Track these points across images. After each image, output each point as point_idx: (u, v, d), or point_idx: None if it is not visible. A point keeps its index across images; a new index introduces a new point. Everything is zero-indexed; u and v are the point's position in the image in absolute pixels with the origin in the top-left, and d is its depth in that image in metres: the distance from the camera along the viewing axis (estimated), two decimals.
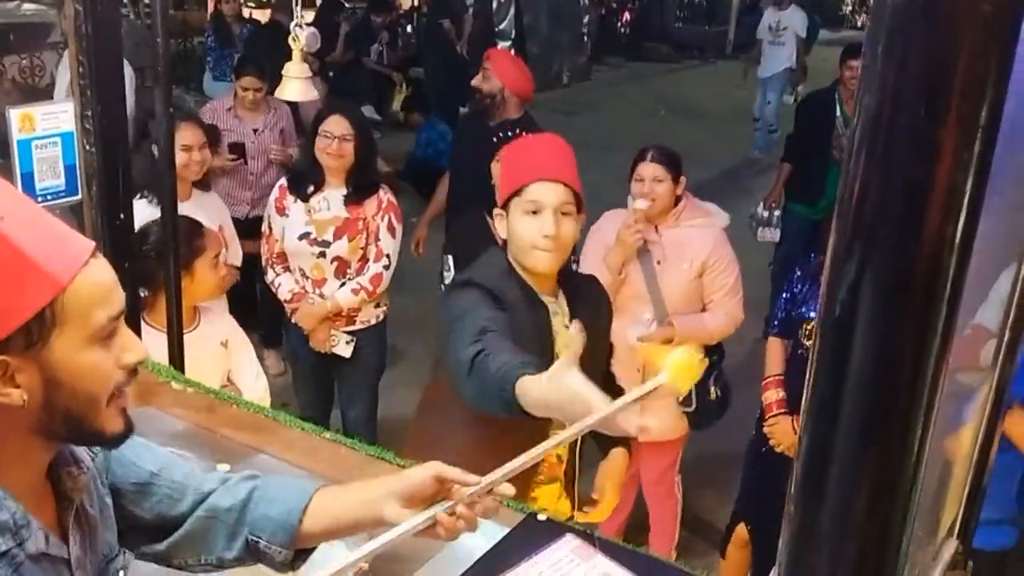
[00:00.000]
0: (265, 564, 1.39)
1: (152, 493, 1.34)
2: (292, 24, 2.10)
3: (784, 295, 3.14)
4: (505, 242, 2.16)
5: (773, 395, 3.09)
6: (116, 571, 1.28)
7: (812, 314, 2.97)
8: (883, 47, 0.68)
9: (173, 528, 1.35)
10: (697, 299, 3.25)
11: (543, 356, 2.04)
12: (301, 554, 1.39)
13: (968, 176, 0.68)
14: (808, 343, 2.98)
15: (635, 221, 3.06)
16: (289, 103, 6.11)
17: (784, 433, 3.02)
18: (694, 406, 3.30)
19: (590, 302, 2.21)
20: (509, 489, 1.32)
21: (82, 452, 1.23)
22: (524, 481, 2.14)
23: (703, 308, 3.26)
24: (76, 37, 2.06)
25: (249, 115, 4.87)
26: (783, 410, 3.05)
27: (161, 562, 1.39)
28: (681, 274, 3.19)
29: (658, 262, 3.19)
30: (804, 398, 0.80)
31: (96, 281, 1.08)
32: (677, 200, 3.23)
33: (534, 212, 2.03)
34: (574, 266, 3.35)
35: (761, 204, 5.71)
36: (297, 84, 2.13)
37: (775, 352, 3.16)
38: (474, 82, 4.31)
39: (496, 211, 2.18)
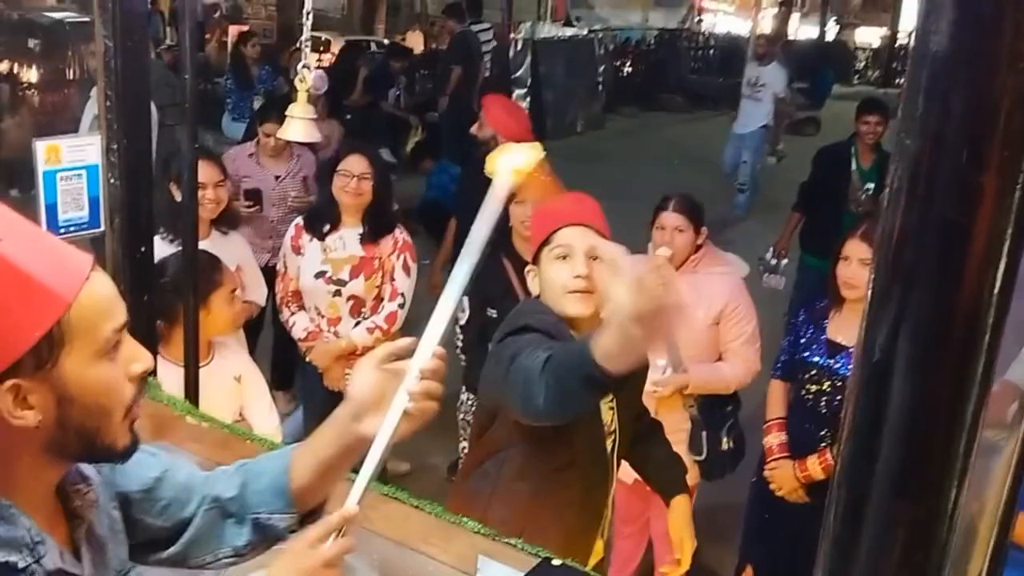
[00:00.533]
0: (279, 537, 1.36)
1: (159, 498, 1.32)
2: (299, 65, 2.12)
3: (788, 338, 3.13)
4: (538, 297, 2.15)
5: (775, 439, 3.07)
6: None
7: (815, 358, 2.96)
8: (925, 92, 0.69)
9: (184, 529, 1.34)
10: (713, 347, 3.23)
11: (596, 417, 2.06)
12: (309, 516, 1.37)
13: (1009, 222, 0.68)
14: (812, 388, 2.96)
15: (658, 267, 3.05)
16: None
17: (785, 478, 2.99)
18: (705, 455, 3.27)
19: None
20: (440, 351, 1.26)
21: (89, 469, 1.22)
22: (589, 550, 2.13)
23: (719, 357, 3.25)
24: (105, 72, 2.09)
25: (271, 162, 4.68)
26: (785, 454, 3.02)
27: (179, 565, 1.37)
28: (697, 321, 3.17)
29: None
30: (839, 443, 0.79)
31: (99, 295, 1.07)
32: (697, 248, 3.23)
33: (564, 257, 2.03)
34: None
35: (771, 250, 5.72)
36: (301, 125, 2.15)
37: (777, 395, 3.14)
38: (472, 130, 4.35)
39: (528, 268, 2.19)
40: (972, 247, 0.69)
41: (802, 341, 3.04)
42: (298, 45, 9.49)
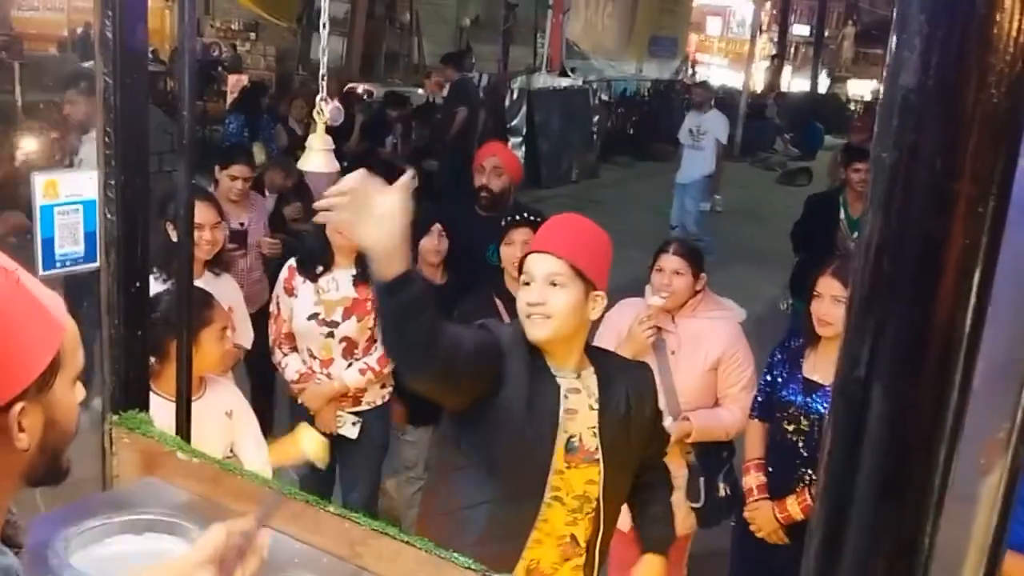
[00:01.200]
0: None
1: None
2: (318, 98, 2.16)
3: (765, 378, 3.13)
4: None
5: (753, 480, 3.06)
6: None
7: (792, 397, 2.97)
8: (899, 106, 0.71)
9: None
10: (711, 392, 3.23)
11: (543, 429, 2.07)
12: None
13: (984, 229, 0.70)
14: (789, 427, 2.96)
15: (648, 317, 3.08)
16: (301, 186, 6.24)
17: (765, 519, 2.98)
18: (702, 502, 3.26)
19: (630, 386, 2.20)
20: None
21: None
22: (513, 563, 2.11)
23: (715, 402, 3.25)
24: (104, 108, 2.12)
25: (233, 208, 4.49)
26: (764, 495, 3.01)
27: None
28: (695, 366, 3.17)
29: (672, 352, 3.18)
30: (821, 454, 0.79)
31: (73, 325, 1.14)
32: (695, 293, 3.24)
33: (527, 284, 2.09)
34: None
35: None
36: (320, 156, 2.18)
37: (755, 435, 3.13)
38: (482, 182, 4.33)
39: (516, 272, 2.29)
40: (949, 255, 0.70)
41: (779, 380, 3.05)
42: (294, 95, 9.65)
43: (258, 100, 9.66)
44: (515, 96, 12.51)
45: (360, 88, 12.07)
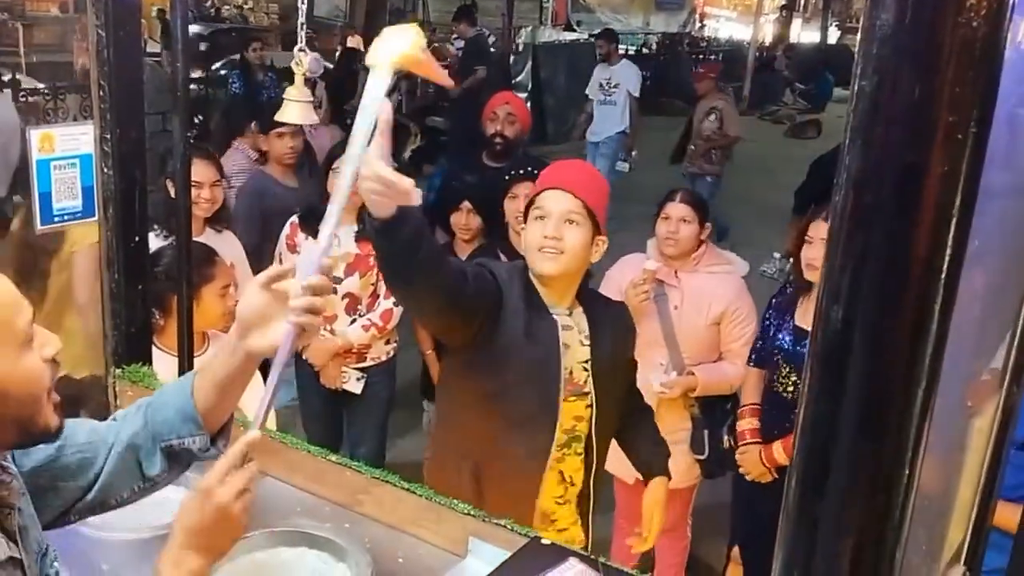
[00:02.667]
0: (192, 460, 1.45)
1: (66, 464, 1.37)
2: (296, 48, 2.14)
3: (763, 325, 3.13)
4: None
5: (747, 424, 3.09)
6: (51, 564, 1.30)
7: (783, 344, 2.97)
8: (879, 34, 0.70)
9: (96, 480, 1.40)
10: (714, 346, 3.23)
11: (547, 362, 2.11)
12: (219, 435, 1.45)
13: (964, 156, 0.69)
14: (780, 373, 2.98)
15: (643, 281, 3.08)
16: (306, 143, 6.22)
17: (752, 463, 3.02)
18: (706, 454, 3.28)
19: (614, 327, 2.26)
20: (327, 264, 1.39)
21: (4, 459, 1.25)
22: (528, 506, 2.13)
23: (719, 356, 3.25)
24: (97, 61, 2.11)
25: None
26: (755, 440, 3.04)
27: (99, 510, 1.42)
28: (698, 321, 3.17)
29: (675, 307, 3.18)
30: (802, 391, 0.79)
31: (5, 293, 1.12)
32: (699, 244, 3.23)
33: (542, 218, 2.11)
34: None
35: (778, 254, 5.73)
36: (298, 107, 2.17)
37: (752, 382, 3.15)
38: (496, 129, 4.35)
39: (520, 225, 2.27)
40: (928, 184, 0.70)
41: (773, 328, 3.06)
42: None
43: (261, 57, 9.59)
44: (520, 51, 12.40)
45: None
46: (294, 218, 3.68)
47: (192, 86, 9.88)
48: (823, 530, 0.78)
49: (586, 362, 2.17)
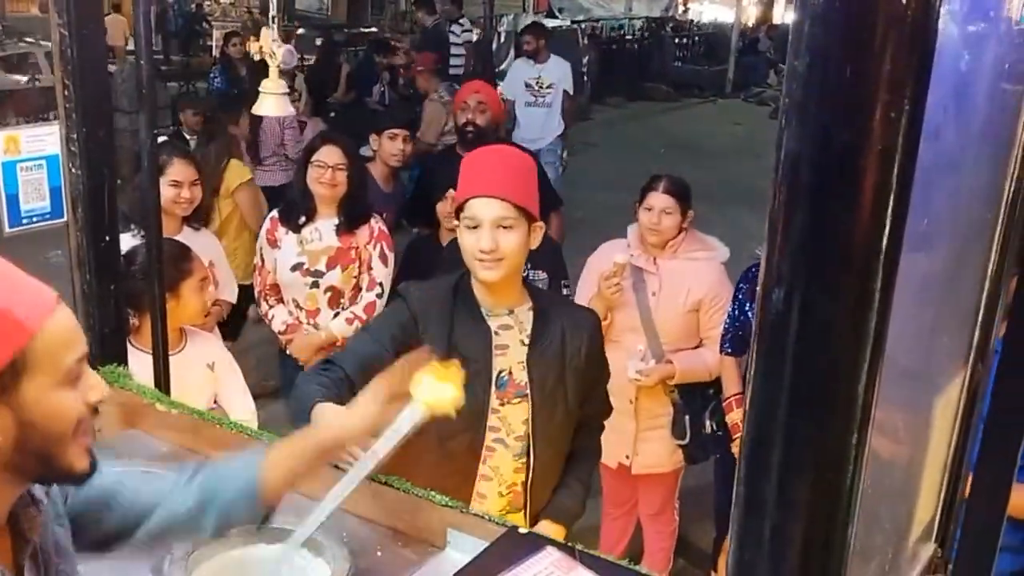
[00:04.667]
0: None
1: (112, 507, 1.39)
2: (270, 40, 2.12)
3: (733, 311, 3.11)
4: None
5: (737, 415, 3.07)
6: None
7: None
8: (810, 11, 0.69)
9: (136, 528, 1.42)
10: (692, 333, 3.22)
11: (480, 368, 2.06)
12: (269, 511, 1.51)
13: (899, 133, 0.69)
14: None
15: (614, 274, 3.06)
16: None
17: None
18: (688, 439, 3.28)
19: (567, 328, 2.16)
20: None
21: (39, 492, 1.25)
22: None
23: (700, 342, 3.24)
24: (61, 60, 2.09)
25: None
26: None
27: (143, 544, 1.46)
28: (676, 308, 3.16)
29: (653, 294, 3.17)
30: (749, 368, 0.79)
31: (63, 326, 1.12)
32: (680, 231, 3.21)
33: (474, 227, 2.05)
34: (564, 291, 3.36)
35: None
36: (273, 100, 2.15)
37: (730, 371, 3.14)
38: (467, 118, 4.35)
39: (453, 223, 2.24)
40: (864, 162, 0.69)
41: (742, 315, 3.04)
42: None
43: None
44: (503, 39, 12.36)
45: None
46: (274, 213, 3.67)
47: (172, 83, 9.81)
48: (773, 509, 0.78)
49: (523, 362, 2.11)
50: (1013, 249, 1.30)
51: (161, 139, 4.18)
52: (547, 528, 2.14)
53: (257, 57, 2.52)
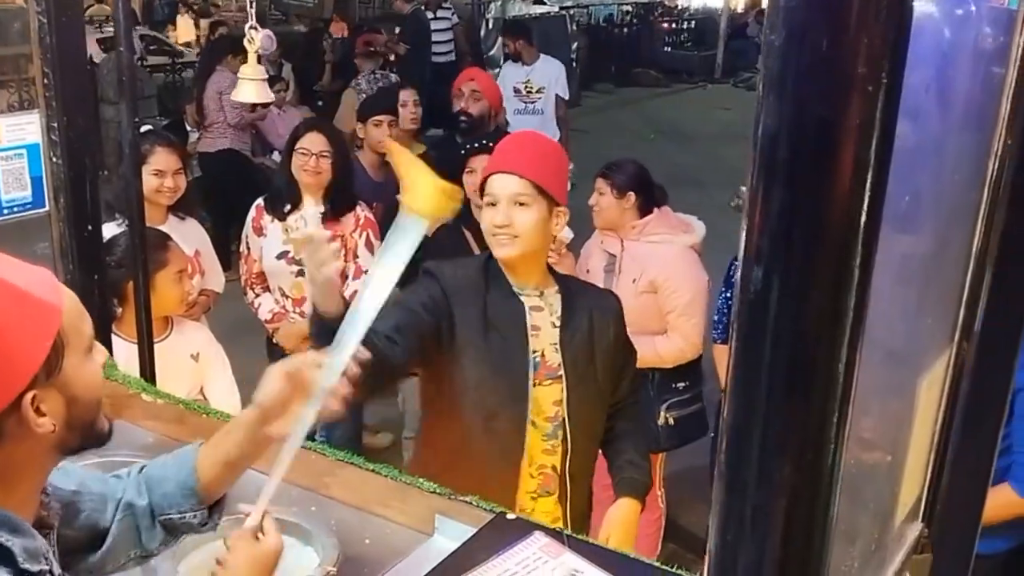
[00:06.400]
0: (188, 533, 1.46)
1: (79, 510, 1.37)
2: (247, 26, 2.10)
3: (724, 295, 3.12)
4: None
5: None
6: None
7: None
8: None
9: (102, 538, 1.39)
10: (653, 317, 3.20)
11: (515, 350, 2.08)
12: (215, 508, 1.47)
13: (877, 108, 0.68)
14: None
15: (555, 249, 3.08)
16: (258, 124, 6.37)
17: None
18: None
19: (593, 312, 2.18)
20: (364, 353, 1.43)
21: (48, 483, 1.25)
22: (511, 494, 2.11)
23: (666, 329, 3.24)
24: (40, 48, 2.07)
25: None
26: None
27: (96, 574, 1.41)
28: (632, 289, 3.17)
29: (617, 274, 3.21)
30: (730, 352, 0.78)
31: (72, 298, 1.16)
32: (646, 214, 3.24)
33: (492, 204, 2.08)
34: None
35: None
36: (253, 86, 2.13)
37: (722, 360, 3.14)
38: (461, 106, 4.34)
39: (480, 201, 2.24)
40: (841, 137, 0.68)
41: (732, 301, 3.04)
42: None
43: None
44: (490, 26, 12.30)
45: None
46: (259, 201, 3.65)
47: (160, 73, 9.72)
48: (754, 490, 0.77)
49: (556, 344, 2.12)
50: (997, 228, 1.29)
51: (145, 128, 4.16)
52: (627, 504, 2.19)
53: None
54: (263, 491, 1.40)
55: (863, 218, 0.70)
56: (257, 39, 2.03)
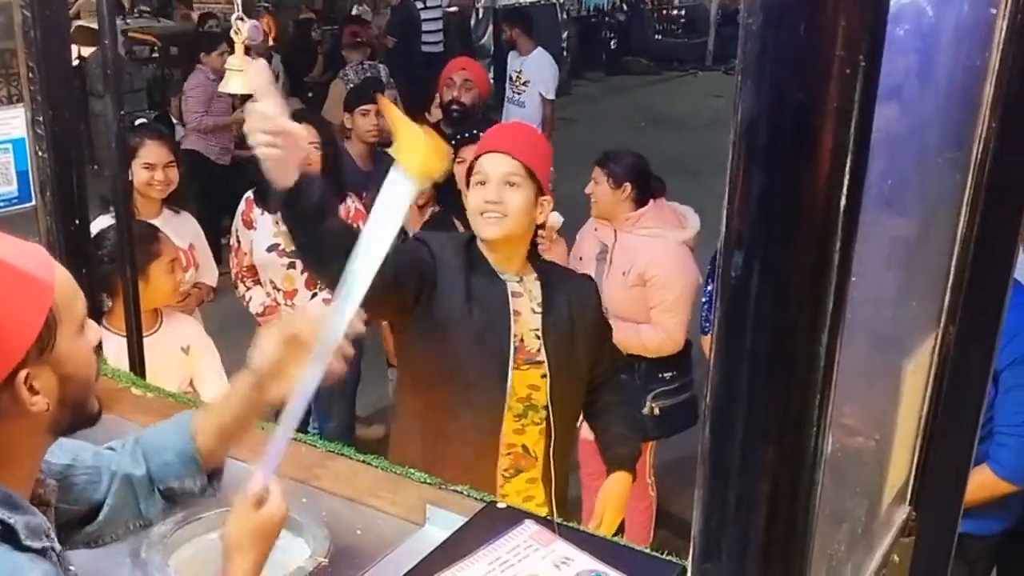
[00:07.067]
0: (188, 500, 1.46)
1: (72, 484, 1.36)
2: (233, 16, 2.09)
3: (710, 287, 3.13)
4: None
5: None
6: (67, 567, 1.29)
7: None
8: None
9: (97, 510, 1.38)
10: (642, 309, 3.22)
11: (498, 328, 2.09)
12: (214, 476, 1.46)
13: (855, 91, 0.68)
14: None
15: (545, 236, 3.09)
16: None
17: None
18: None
19: (572, 297, 2.20)
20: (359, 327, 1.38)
21: (43, 461, 1.25)
22: (487, 475, 2.13)
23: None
24: (25, 43, 2.06)
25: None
26: None
27: (94, 544, 1.41)
28: (618, 281, 3.19)
29: (609, 264, 3.23)
30: (712, 337, 0.78)
31: (65, 275, 1.14)
32: (641, 205, 3.25)
33: (482, 183, 2.09)
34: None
35: None
36: (240, 77, 2.11)
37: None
38: (453, 95, 4.32)
39: (466, 191, 2.23)
40: (819, 120, 0.68)
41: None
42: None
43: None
44: (480, 15, 12.26)
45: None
46: (249, 193, 3.64)
47: (151, 65, 9.64)
48: (737, 475, 0.77)
49: (537, 330, 2.14)
50: (981, 212, 1.30)
51: (139, 122, 4.15)
52: (618, 479, 2.20)
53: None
54: (265, 456, 1.37)
55: (842, 202, 0.70)
56: (244, 30, 2.02)
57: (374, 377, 4.20)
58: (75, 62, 6.32)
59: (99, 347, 1.98)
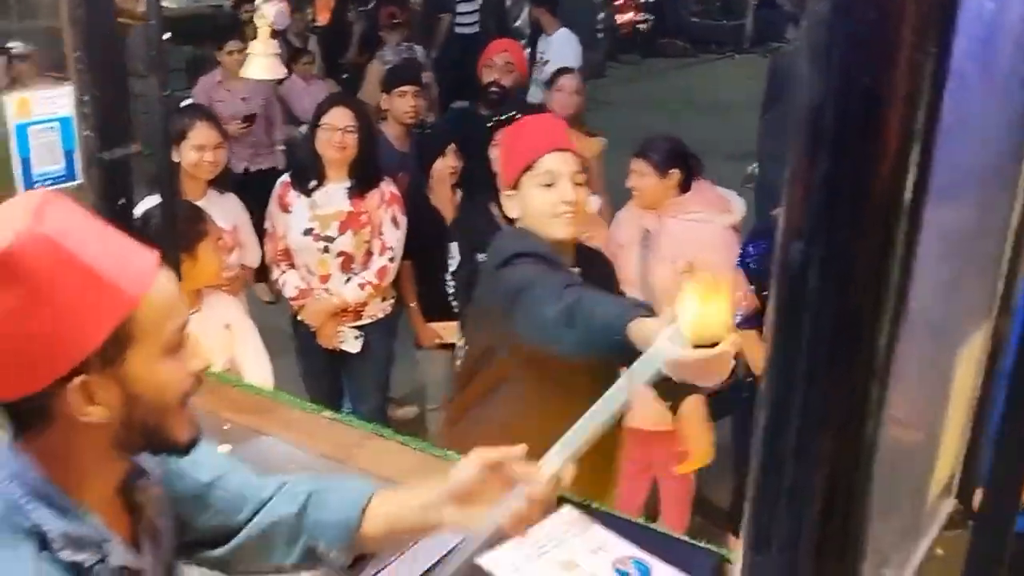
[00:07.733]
0: (323, 567, 1.38)
1: (209, 504, 1.33)
2: (257, 0, 2.08)
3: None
4: (513, 221, 2.19)
5: None
6: None
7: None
8: None
9: (231, 536, 1.34)
10: None
11: None
12: (360, 559, 1.39)
13: (925, 78, 0.66)
14: None
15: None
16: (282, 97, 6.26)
17: None
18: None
19: (599, 272, 2.27)
20: (569, 472, 1.28)
21: (150, 463, 1.23)
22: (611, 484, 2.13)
23: None
24: (72, 22, 2.07)
25: (237, 84, 5.26)
26: None
27: (219, 568, 1.37)
28: (666, 267, 3.16)
29: (654, 250, 3.19)
30: (767, 329, 0.77)
31: (165, 294, 1.09)
32: (686, 189, 3.21)
33: (549, 184, 2.06)
34: None
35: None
36: (263, 61, 2.10)
37: (752, 346, 3.10)
38: (494, 77, 4.30)
39: (507, 192, 2.18)
40: (888, 108, 0.67)
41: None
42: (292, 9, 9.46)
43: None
44: None
45: None
46: (285, 177, 3.65)
47: (188, 47, 9.68)
48: (791, 467, 0.76)
49: None
50: None
51: (185, 103, 4.17)
52: (693, 400, 2.21)
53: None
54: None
55: (909, 192, 0.69)
56: (270, 13, 2.00)
57: (404, 359, 4.22)
58: None
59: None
